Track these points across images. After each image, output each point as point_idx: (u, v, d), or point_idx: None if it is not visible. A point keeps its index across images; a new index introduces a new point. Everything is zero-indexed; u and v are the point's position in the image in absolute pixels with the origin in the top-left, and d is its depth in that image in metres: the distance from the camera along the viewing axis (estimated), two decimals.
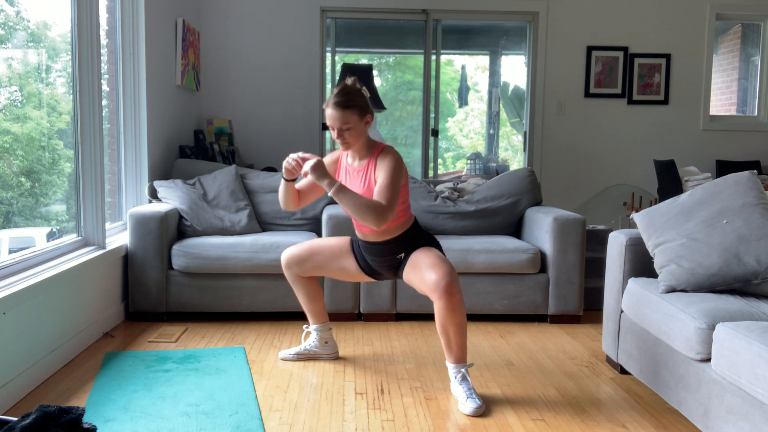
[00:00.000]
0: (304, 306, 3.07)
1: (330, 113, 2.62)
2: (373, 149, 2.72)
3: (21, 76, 3.15)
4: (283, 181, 2.76)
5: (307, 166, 2.59)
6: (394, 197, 2.56)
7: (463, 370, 2.62)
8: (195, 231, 3.82)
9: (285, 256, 2.99)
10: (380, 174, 2.62)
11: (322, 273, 2.98)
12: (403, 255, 2.76)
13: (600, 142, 5.74)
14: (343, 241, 2.96)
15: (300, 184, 2.85)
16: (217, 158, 4.88)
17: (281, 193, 2.80)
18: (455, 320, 2.57)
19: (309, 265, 2.95)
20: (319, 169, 2.57)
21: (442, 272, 2.55)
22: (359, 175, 2.71)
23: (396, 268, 2.81)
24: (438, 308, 2.57)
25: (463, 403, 2.52)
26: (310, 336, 3.14)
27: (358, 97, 2.64)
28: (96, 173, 3.36)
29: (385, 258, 2.79)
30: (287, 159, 2.67)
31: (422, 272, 2.62)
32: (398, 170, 2.61)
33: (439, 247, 2.80)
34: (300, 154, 2.65)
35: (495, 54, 6.38)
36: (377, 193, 2.58)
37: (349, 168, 2.76)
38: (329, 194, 2.56)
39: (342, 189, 2.55)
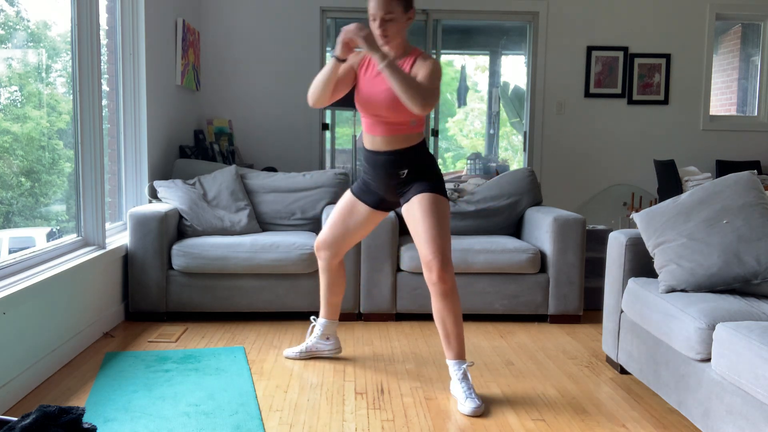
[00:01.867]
0: (324, 296, 3.04)
1: (373, 1, 2.51)
2: (411, 51, 2.64)
3: (21, 76, 3.15)
4: (331, 62, 2.56)
5: (359, 37, 2.46)
6: (437, 91, 2.49)
7: (463, 367, 2.62)
8: (195, 231, 3.82)
9: (315, 243, 2.98)
10: (421, 71, 2.52)
11: (351, 241, 2.92)
12: (405, 172, 2.67)
13: (600, 142, 5.74)
14: (346, 196, 2.89)
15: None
16: (217, 158, 4.89)
17: (323, 79, 2.55)
18: (449, 306, 2.59)
19: (335, 241, 2.91)
20: (372, 40, 2.47)
21: (434, 249, 2.54)
22: None
23: (398, 190, 2.72)
24: (432, 293, 2.62)
25: (462, 402, 2.52)
26: (314, 330, 3.11)
27: None
28: (96, 173, 3.36)
29: (388, 173, 2.69)
30: (345, 32, 2.50)
31: (419, 237, 2.62)
32: (439, 75, 2.53)
33: (442, 184, 2.70)
34: (352, 27, 2.49)
35: (495, 54, 6.38)
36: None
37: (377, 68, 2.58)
38: (379, 67, 2.43)
39: (393, 63, 2.43)
